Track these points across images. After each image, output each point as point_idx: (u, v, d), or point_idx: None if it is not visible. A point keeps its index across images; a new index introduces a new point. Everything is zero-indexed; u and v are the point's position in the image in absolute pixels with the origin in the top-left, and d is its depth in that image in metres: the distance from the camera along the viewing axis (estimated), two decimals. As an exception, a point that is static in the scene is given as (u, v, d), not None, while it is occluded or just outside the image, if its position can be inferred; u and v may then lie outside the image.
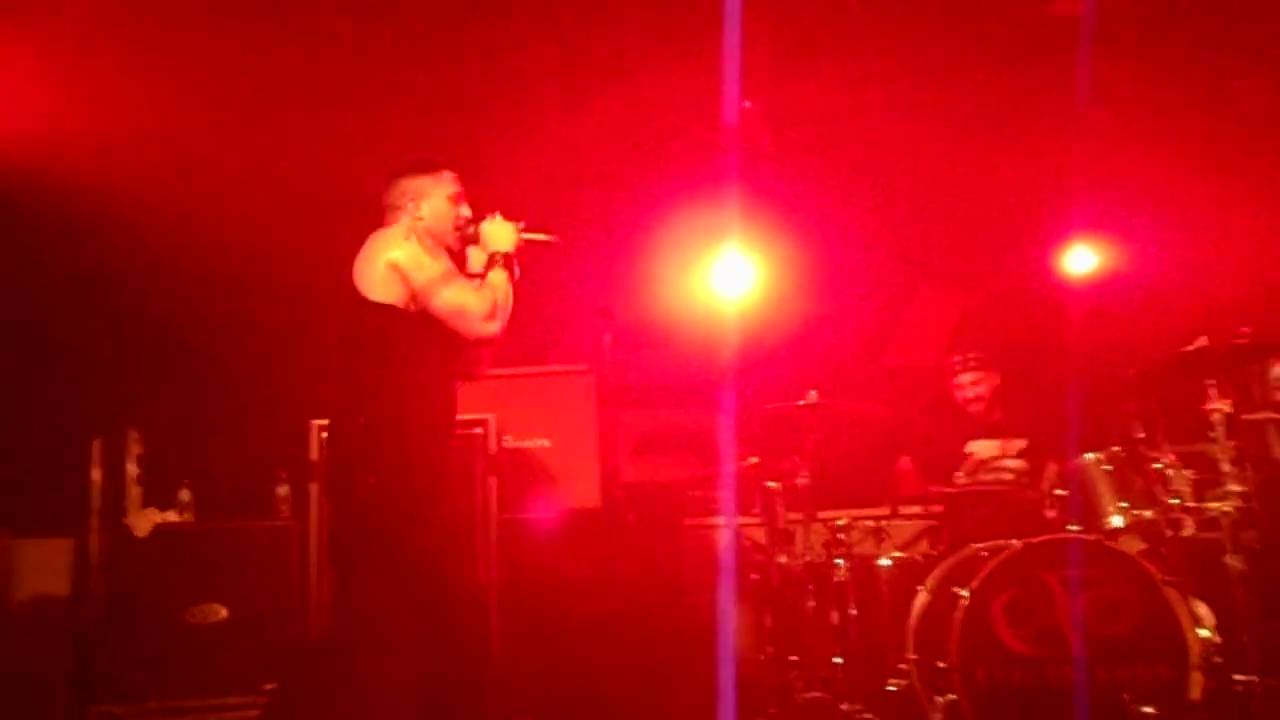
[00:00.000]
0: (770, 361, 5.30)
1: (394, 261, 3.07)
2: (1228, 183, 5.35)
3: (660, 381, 5.75)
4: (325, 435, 3.38)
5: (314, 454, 4.37)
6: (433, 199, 3.25)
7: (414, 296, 3.08)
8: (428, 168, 3.29)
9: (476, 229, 3.27)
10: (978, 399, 4.82)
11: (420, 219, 3.22)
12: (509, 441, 4.74)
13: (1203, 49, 5.04)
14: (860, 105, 5.31)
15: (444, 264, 3.16)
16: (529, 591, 4.46)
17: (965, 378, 4.83)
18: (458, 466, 4.37)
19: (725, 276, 5.69)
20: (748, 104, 5.17)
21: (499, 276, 3.18)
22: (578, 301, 5.07)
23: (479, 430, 4.47)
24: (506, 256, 3.22)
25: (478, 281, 3.20)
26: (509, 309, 3.18)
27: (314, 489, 4.38)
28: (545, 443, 4.87)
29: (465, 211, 3.30)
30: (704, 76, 4.73)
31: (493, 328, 3.13)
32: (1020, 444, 4.73)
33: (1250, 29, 4.91)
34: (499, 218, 3.27)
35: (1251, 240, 5.26)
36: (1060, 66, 4.83)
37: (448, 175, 3.30)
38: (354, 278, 3.11)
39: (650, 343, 5.70)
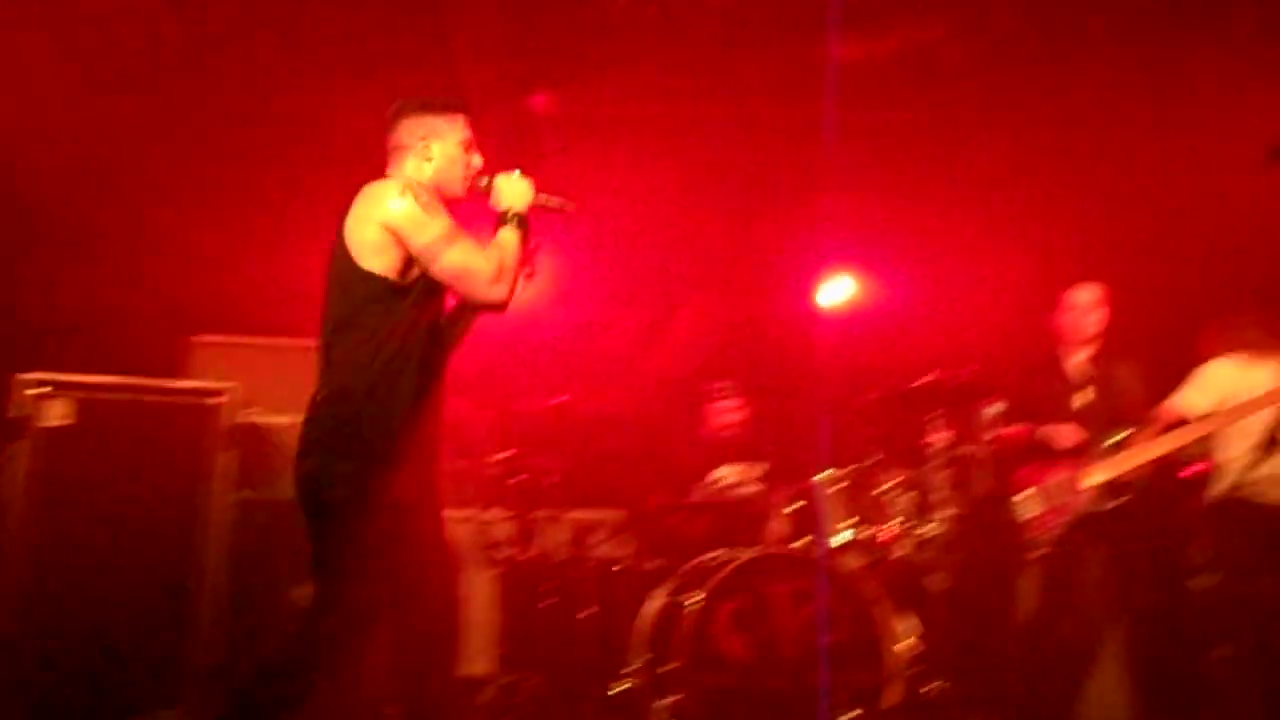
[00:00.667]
0: (531, 360, 5.30)
1: (389, 223, 2.76)
2: (970, 232, 5.82)
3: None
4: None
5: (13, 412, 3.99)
6: (445, 141, 2.95)
7: (412, 260, 2.79)
8: (442, 108, 2.99)
9: (490, 182, 2.97)
10: (729, 426, 4.97)
11: (430, 160, 2.93)
12: (252, 416, 4.49)
13: (952, 104, 5.47)
14: (645, 116, 5.42)
15: (446, 221, 2.84)
16: (263, 575, 4.24)
17: (725, 404, 4.98)
18: (187, 439, 4.15)
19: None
20: (537, 99, 5.18)
21: (510, 236, 2.89)
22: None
23: (217, 401, 4.21)
24: (520, 216, 2.93)
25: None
26: (518, 273, 2.88)
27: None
28: (295, 420, 4.63)
29: (477, 161, 3.00)
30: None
31: (500, 292, 2.83)
32: (763, 468, 4.91)
33: (993, 94, 5.37)
34: (518, 173, 2.97)
35: (985, 288, 5.73)
36: (820, 108, 5.11)
37: (461, 119, 2.99)
38: (345, 237, 2.80)
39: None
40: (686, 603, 3.94)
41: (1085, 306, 4.47)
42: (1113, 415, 4.30)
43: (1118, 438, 4.22)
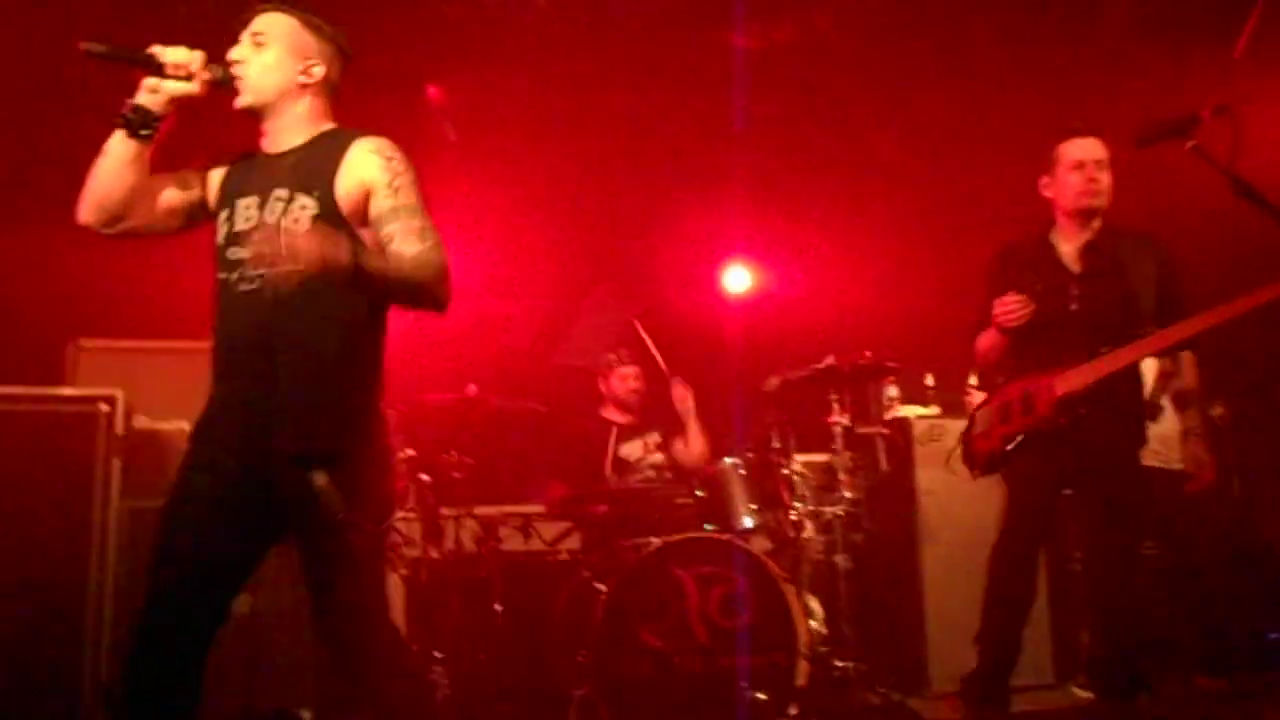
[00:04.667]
0: (432, 354, 5.23)
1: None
2: (864, 222, 5.97)
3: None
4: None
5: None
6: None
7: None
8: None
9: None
10: (634, 392, 4.95)
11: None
12: (140, 422, 4.33)
13: (848, 100, 5.59)
14: (545, 107, 5.40)
15: None
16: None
17: (628, 370, 4.97)
18: (74, 446, 3.98)
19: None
20: (431, 89, 5.11)
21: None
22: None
23: (104, 407, 4.06)
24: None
25: None
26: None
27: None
28: (184, 425, 4.49)
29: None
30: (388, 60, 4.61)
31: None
32: (655, 437, 4.94)
33: (887, 89, 5.51)
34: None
35: (877, 274, 5.88)
36: (725, 97, 5.17)
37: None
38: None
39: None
40: (598, 594, 3.94)
41: (1092, 163, 3.47)
42: (1125, 313, 3.41)
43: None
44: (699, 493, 4.43)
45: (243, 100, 2.49)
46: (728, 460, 4.42)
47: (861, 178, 5.88)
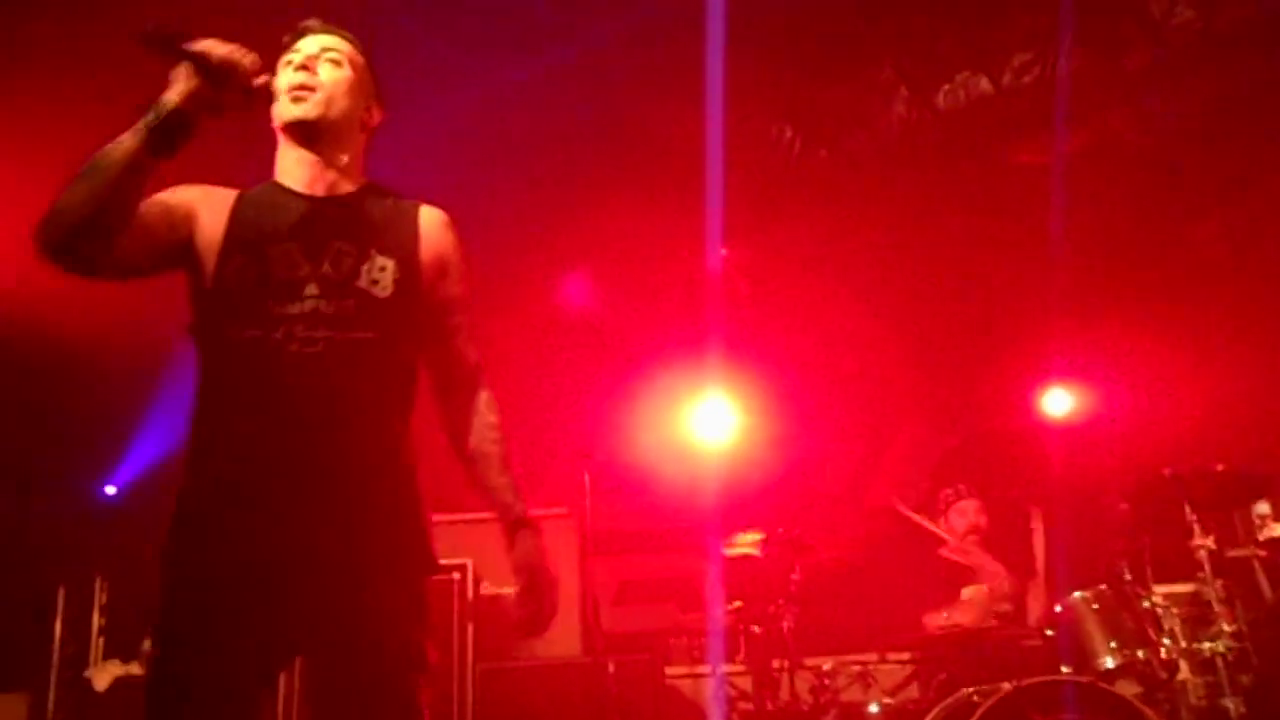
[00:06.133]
0: (752, 505, 5.26)
1: None
2: (1193, 325, 5.49)
3: (640, 527, 5.68)
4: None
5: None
6: None
7: None
8: None
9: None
10: (975, 528, 4.68)
11: None
12: (486, 588, 4.63)
13: (1159, 199, 5.26)
14: (840, 252, 5.47)
15: None
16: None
17: (966, 504, 4.73)
18: (435, 613, 4.30)
19: (706, 421, 5.70)
20: (724, 251, 5.33)
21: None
22: (557, 444, 5.06)
23: (456, 576, 4.38)
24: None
25: None
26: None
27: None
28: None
29: None
30: (685, 224, 4.87)
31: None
32: (1006, 587, 4.62)
33: (1200, 180, 5.15)
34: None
35: (1217, 378, 5.35)
36: (1033, 215, 5.01)
37: None
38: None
39: (631, 488, 5.66)
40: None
41: None
42: None
43: None
44: (1048, 632, 4.08)
45: (308, 111, 2.07)
46: (1077, 594, 4.06)
47: (1185, 277, 5.46)
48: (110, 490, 5.35)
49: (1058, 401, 5.91)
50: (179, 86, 1.90)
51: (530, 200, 4.96)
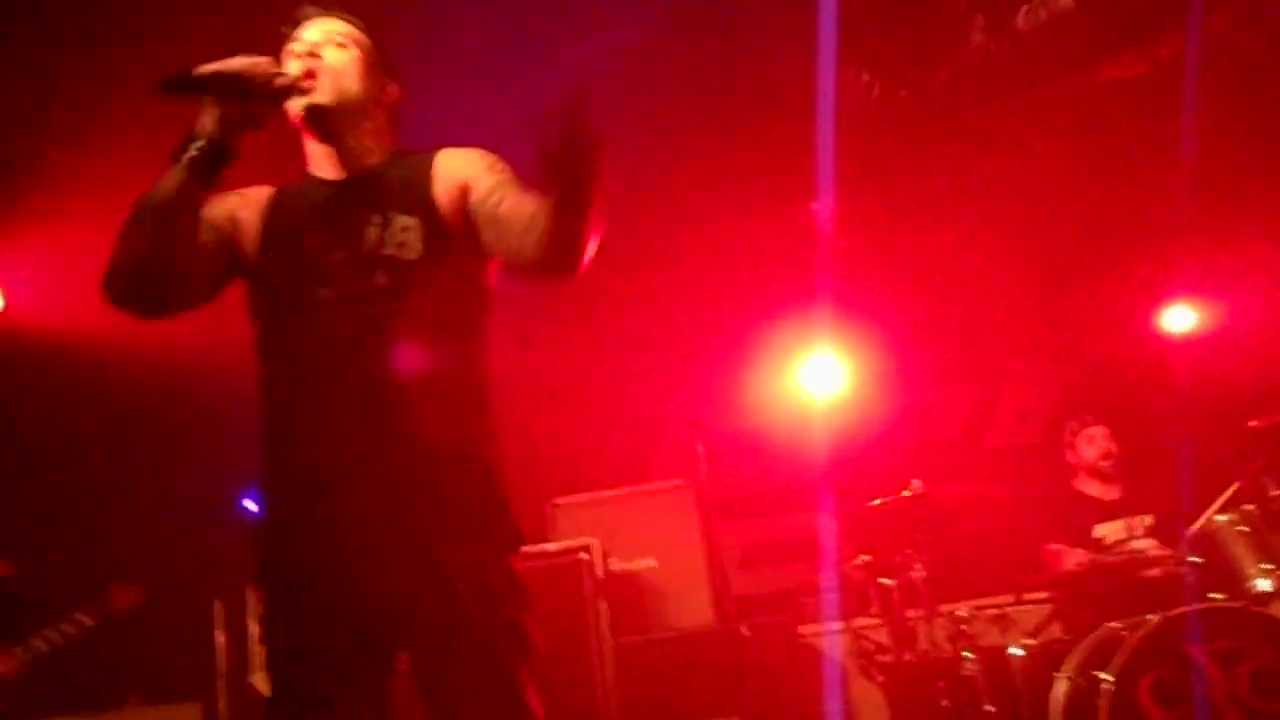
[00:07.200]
0: (870, 456, 5.21)
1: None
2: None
3: (759, 490, 5.68)
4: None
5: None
6: None
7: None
8: None
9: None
10: (1106, 455, 4.55)
11: None
12: (615, 565, 4.70)
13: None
14: (935, 193, 5.34)
15: None
16: (650, 716, 4.35)
17: (1094, 431, 4.59)
18: (564, 593, 4.38)
19: (815, 377, 5.66)
20: (817, 205, 5.25)
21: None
22: (668, 416, 5.09)
23: (585, 555, 4.46)
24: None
25: None
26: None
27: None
28: (652, 562, 4.82)
29: None
30: (792, 177, 4.80)
31: None
32: (1147, 520, 4.48)
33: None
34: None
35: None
36: (1132, 130, 4.80)
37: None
38: None
39: (745, 451, 5.66)
40: (1100, 682, 3.61)
41: None
42: None
43: None
44: (1192, 559, 3.95)
45: (318, 98, 2.04)
46: (1221, 517, 3.91)
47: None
48: (249, 504, 5.59)
49: (1180, 318, 5.68)
50: (208, 114, 1.92)
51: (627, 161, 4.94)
